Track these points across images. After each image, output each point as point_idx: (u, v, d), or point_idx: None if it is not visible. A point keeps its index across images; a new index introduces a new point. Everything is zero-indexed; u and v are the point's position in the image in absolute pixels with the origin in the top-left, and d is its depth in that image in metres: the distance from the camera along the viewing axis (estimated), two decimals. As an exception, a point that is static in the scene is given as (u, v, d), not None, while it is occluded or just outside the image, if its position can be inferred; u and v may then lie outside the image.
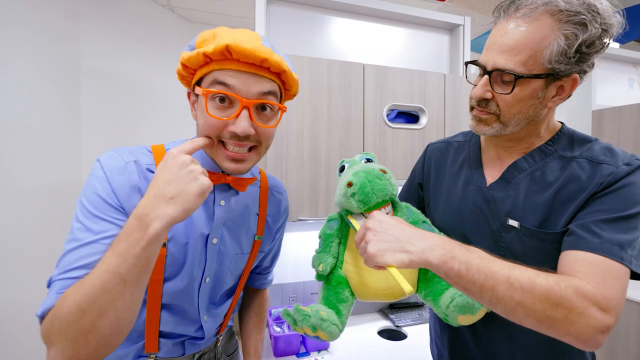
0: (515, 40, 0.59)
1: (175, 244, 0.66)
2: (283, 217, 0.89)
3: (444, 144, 0.89)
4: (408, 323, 1.55)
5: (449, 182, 0.81)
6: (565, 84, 0.62)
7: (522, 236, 0.65)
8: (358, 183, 0.67)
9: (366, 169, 0.69)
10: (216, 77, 0.60)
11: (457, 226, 0.76)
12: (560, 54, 0.57)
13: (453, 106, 1.55)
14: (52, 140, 1.76)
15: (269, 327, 1.37)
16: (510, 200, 0.68)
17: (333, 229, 0.77)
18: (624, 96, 2.61)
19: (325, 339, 0.69)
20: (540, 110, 0.65)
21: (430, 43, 1.89)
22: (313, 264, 0.77)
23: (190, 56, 0.60)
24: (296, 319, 0.68)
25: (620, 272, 0.53)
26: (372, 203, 0.67)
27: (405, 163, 1.47)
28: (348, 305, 0.74)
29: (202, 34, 0.62)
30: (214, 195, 0.71)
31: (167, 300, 0.68)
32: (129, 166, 0.62)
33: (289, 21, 1.64)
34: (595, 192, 0.59)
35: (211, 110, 0.60)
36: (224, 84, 0.59)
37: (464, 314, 0.60)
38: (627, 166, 0.60)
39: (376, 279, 0.71)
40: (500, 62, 0.61)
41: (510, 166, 0.70)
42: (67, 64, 1.90)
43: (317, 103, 1.34)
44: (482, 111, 0.67)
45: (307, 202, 1.35)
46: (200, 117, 0.63)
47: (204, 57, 0.59)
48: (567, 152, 0.66)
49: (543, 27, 0.58)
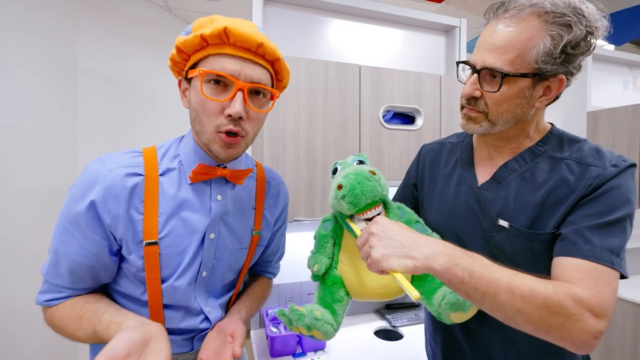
0: (503, 40, 0.61)
1: (169, 243, 0.66)
2: (281, 208, 0.87)
3: (437, 145, 0.90)
4: (404, 323, 1.55)
5: (442, 182, 0.82)
6: (552, 85, 0.63)
7: (512, 236, 0.66)
8: (348, 185, 0.68)
9: (356, 171, 0.70)
10: (212, 60, 0.61)
11: (450, 226, 0.77)
12: (546, 54, 0.59)
13: (449, 107, 1.55)
14: (50, 142, 1.76)
15: (266, 328, 1.37)
16: (500, 201, 0.69)
17: (328, 229, 0.78)
18: (619, 98, 2.63)
19: (321, 338, 0.70)
20: (528, 110, 0.66)
21: (426, 44, 1.90)
22: (308, 265, 0.78)
23: (186, 40, 0.60)
24: (291, 318, 0.69)
25: (611, 277, 0.55)
26: (362, 204, 0.68)
27: (401, 164, 1.47)
28: (343, 305, 0.75)
29: (199, 19, 0.63)
30: (210, 190, 0.71)
31: (168, 300, 0.69)
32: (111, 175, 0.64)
33: (286, 22, 1.65)
34: (584, 195, 0.60)
35: (206, 92, 0.61)
36: (220, 67, 0.60)
37: (455, 311, 0.61)
38: (615, 167, 0.61)
39: (372, 278, 0.72)
40: (489, 60, 0.63)
41: (502, 167, 0.71)
42: (65, 66, 1.90)
43: (314, 104, 1.35)
44: (471, 109, 0.69)
45: (304, 203, 1.35)
46: (195, 100, 0.64)
47: (200, 39, 0.59)
48: (556, 153, 0.67)
49: (530, 28, 0.60)
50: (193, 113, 0.65)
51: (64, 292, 0.65)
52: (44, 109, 1.71)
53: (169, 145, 0.72)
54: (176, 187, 0.68)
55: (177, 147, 0.71)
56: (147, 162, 0.66)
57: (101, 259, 0.64)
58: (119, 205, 0.62)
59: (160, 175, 0.67)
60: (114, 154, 0.67)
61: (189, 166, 0.69)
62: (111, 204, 0.62)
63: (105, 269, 0.66)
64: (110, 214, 0.62)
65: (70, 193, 0.63)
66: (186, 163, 0.69)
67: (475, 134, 0.73)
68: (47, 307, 0.66)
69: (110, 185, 0.62)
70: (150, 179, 0.65)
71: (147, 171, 0.65)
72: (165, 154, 0.70)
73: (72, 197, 0.63)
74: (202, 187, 0.70)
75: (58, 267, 0.64)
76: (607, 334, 1.89)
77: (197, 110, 0.63)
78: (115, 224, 0.62)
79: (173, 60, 0.66)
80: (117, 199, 0.62)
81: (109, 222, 0.62)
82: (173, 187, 0.67)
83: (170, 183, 0.67)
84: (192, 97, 0.64)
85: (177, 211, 0.67)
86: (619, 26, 2.81)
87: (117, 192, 0.62)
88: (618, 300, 1.84)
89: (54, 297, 0.65)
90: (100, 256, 0.64)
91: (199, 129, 0.65)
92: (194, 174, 0.67)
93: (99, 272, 0.66)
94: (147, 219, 0.64)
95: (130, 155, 0.67)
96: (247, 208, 0.78)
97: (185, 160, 0.69)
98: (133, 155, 0.67)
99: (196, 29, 0.62)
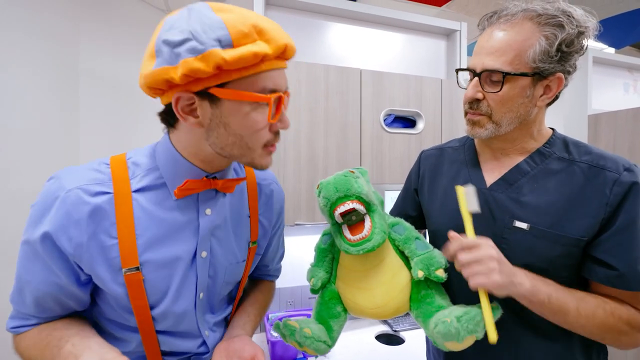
0: (501, 43, 0.65)
1: (153, 268, 0.59)
2: (277, 210, 0.79)
3: (437, 150, 0.91)
4: (406, 328, 1.54)
5: (446, 185, 0.81)
6: (551, 83, 0.66)
7: (532, 237, 0.66)
8: (324, 182, 0.69)
9: (336, 173, 0.70)
10: (269, 79, 0.53)
11: (455, 229, 0.75)
12: (543, 53, 0.62)
13: (450, 111, 1.55)
14: (50, 143, 1.76)
15: (267, 332, 1.37)
16: (514, 202, 0.69)
17: (326, 243, 0.77)
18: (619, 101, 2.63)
19: (313, 354, 0.69)
20: (531, 109, 0.68)
21: (427, 48, 1.91)
22: (307, 277, 0.77)
23: (241, 56, 0.47)
24: (284, 333, 0.69)
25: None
26: (334, 198, 0.66)
27: (402, 167, 1.47)
28: (340, 321, 0.74)
29: (236, 25, 0.48)
30: (198, 205, 0.62)
31: (162, 327, 0.63)
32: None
33: (287, 26, 1.65)
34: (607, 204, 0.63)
35: (257, 116, 0.53)
36: (277, 85, 0.54)
37: (448, 340, 0.59)
38: (629, 172, 0.63)
39: (365, 297, 0.70)
40: (489, 63, 0.65)
41: (513, 169, 0.72)
42: (66, 67, 1.91)
43: (315, 108, 1.35)
44: (474, 113, 0.70)
45: (305, 207, 1.35)
46: (240, 125, 0.53)
47: (257, 58, 0.49)
48: (564, 154, 0.69)
49: (525, 30, 0.63)
50: (231, 138, 0.55)
51: (31, 320, 0.59)
52: (44, 110, 1.71)
53: (141, 155, 0.62)
54: (156, 205, 0.59)
55: (153, 158, 0.61)
56: (116, 176, 0.57)
57: (66, 290, 0.57)
58: (81, 232, 0.53)
59: (134, 192, 0.57)
60: (77, 167, 0.57)
61: (172, 180, 0.59)
62: (72, 231, 0.53)
63: (75, 299, 0.59)
64: (73, 242, 0.53)
65: (29, 214, 0.55)
66: (167, 176, 0.59)
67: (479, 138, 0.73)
68: (15, 334, 0.60)
69: (69, 211, 0.52)
70: (121, 196, 0.56)
71: (117, 186, 0.56)
72: (138, 166, 0.60)
73: (29, 222, 0.55)
74: (188, 201, 0.61)
75: (23, 294, 0.58)
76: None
77: (243, 134, 0.54)
78: (79, 253, 0.54)
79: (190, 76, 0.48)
80: (79, 224, 0.53)
81: (71, 251, 0.53)
82: (152, 204, 0.58)
83: (149, 200, 0.58)
84: (235, 121, 0.53)
85: (159, 232, 0.59)
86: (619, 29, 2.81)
87: (79, 216, 0.53)
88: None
89: (21, 324, 0.59)
90: (64, 287, 0.56)
91: (238, 152, 0.56)
92: (180, 190, 0.58)
93: (67, 301, 0.59)
94: (123, 243, 0.55)
95: (95, 169, 0.57)
96: (241, 217, 0.71)
97: (166, 173, 0.59)
98: (99, 169, 0.57)
99: (240, 40, 0.48)
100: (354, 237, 0.66)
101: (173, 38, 0.47)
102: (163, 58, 0.48)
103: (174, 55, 0.47)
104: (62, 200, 0.53)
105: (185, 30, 0.47)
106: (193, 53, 0.46)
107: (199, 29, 0.47)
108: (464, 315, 0.59)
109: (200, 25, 0.47)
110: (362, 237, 0.66)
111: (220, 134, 0.54)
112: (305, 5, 1.64)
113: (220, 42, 0.47)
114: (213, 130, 0.54)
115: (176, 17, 0.50)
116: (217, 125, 0.54)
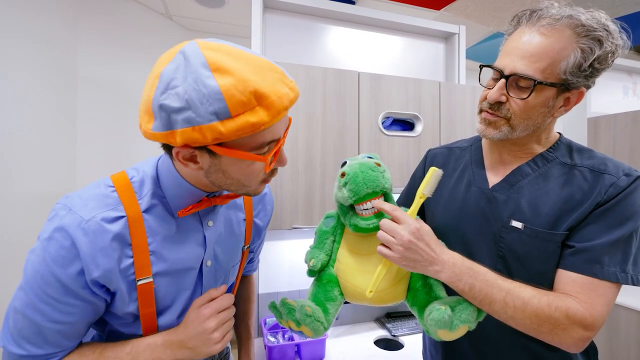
0: (537, 48, 0.62)
1: (165, 278, 0.63)
2: (270, 211, 0.86)
3: (445, 149, 0.91)
4: (405, 332, 1.53)
5: (451, 184, 0.82)
6: (572, 96, 0.65)
7: (525, 237, 0.67)
8: (351, 173, 0.68)
9: (361, 162, 0.70)
10: (268, 133, 0.53)
11: (457, 227, 0.77)
12: (575, 66, 0.61)
13: (448, 114, 1.55)
14: (48, 148, 1.76)
15: (264, 337, 1.35)
16: (513, 203, 0.70)
17: (329, 226, 0.77)
18: (619, 104, 2.63)
19: (309, 335, 0.69)
20: (547, 118, 0.67)
21: (425, 51, 1.91)
22: (305, 259, 0.77)
23: (239, 128, 0.47)
24: (281, 312, 0.68)
25: (611, 288, 0.60)
26: (362, 193, 0.67)
27: (400, 171, 1.46)
28: (336, 305, 0.73)
29: (234, 95, 0.46)
30: (200, 219, 0.66)
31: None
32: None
33: (285, 29, 1.65)
34: (599, 203, 0.62)
35: (255, 167, 0.56)
36: (277, 134, 0.55)
37: (441, 328, 0.60)
38: (627, 177, 0.62)
39: (365, 280, 0.71)
40: (520, 67, 0.63)
41: (515, 170, 0.72)
42: (64, 72, 1.91)
43: (312, 111, 1.35)
44: (492, 114, 0.69)
45: (302, 211, 1.34)
46: (238, 172, 0.56)
47: (258, 126, 0.49)
48: (567, 159, 0.69)
49: (563, 39, 0.60)
50: (230, 180, 0.57)
51: (54, 357, 0.58)
52: (42, 115, 1.71)
53: (143, 175, 0.63)
54: (163, 220, 0.62)
55: (156, 179, 0.63)
56: (125, 199, 0.59)
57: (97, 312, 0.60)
58: (108, 259, 0.55)
59: (143, 212, 0.60)
60: (81, 195, 0.57)
61: (175, 201, 0.62)
62: (100, 259, 0.54)
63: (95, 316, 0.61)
64: (100, 269, 0.54)
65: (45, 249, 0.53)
66: (170, 196, 0.62)
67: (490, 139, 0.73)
68: None
69: (93, 240, 0.54)
70: (134, 218, 0.58)
71: (128, 210, 0.58)
72: (143, 186, 0.62)
73: (48, 258, 0.53)
74: (190, 218, 0.65)
75: (42, 335, 0.56)
76: (612, 343, 1.86)
77: (241, 179, 0.57)
78: (108, 277, 0.56)
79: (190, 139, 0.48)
80: (105, 252, 0.55)
81: (100, 276, 0.55)
82: (160, 220, 0.61)
83: (156, 217, 0.61)
84: (233, 170, 0.55)
85: (168, 248, 0.62)
86: (618, 33, 2.82)
87: (103, 244, 0.54)
88: (622, 309, 1.81)
89: None
90: (95, 311, 0.59)
91: (236, 188, 0.59)
92: (182, 212, 0.62)
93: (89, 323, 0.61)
94: (138, 258, 0.59)
95: (102, 194, 0.58)
96: (238, 222, 0.76)
97: (170, 194, 0.62)
98: (105, 193, 0.58)
99: (237, 108, 0.47)
100: (366, 212, 0.69)
101: (170, 105, 0.46)
102: (161, 122, 0.48)
103: (172, 122, 0.47)
104: (85, 231, 0.53)
105: (182, 98, 0.46)
106: (190, 124, 0.46)
107: (195, 99, 0.46)
108: (458, 304, 0.62)
109: (197, 94, 0.46)
110: (374, 212, 0.69)
111: (218, 177, 0.56)
112: (303, 8, 1.64)
113: (217, 115, 0.46)
114: (212, 174, 0.56)
115: (172, 70, 0.47)
116: (216, 171, 0.55)
